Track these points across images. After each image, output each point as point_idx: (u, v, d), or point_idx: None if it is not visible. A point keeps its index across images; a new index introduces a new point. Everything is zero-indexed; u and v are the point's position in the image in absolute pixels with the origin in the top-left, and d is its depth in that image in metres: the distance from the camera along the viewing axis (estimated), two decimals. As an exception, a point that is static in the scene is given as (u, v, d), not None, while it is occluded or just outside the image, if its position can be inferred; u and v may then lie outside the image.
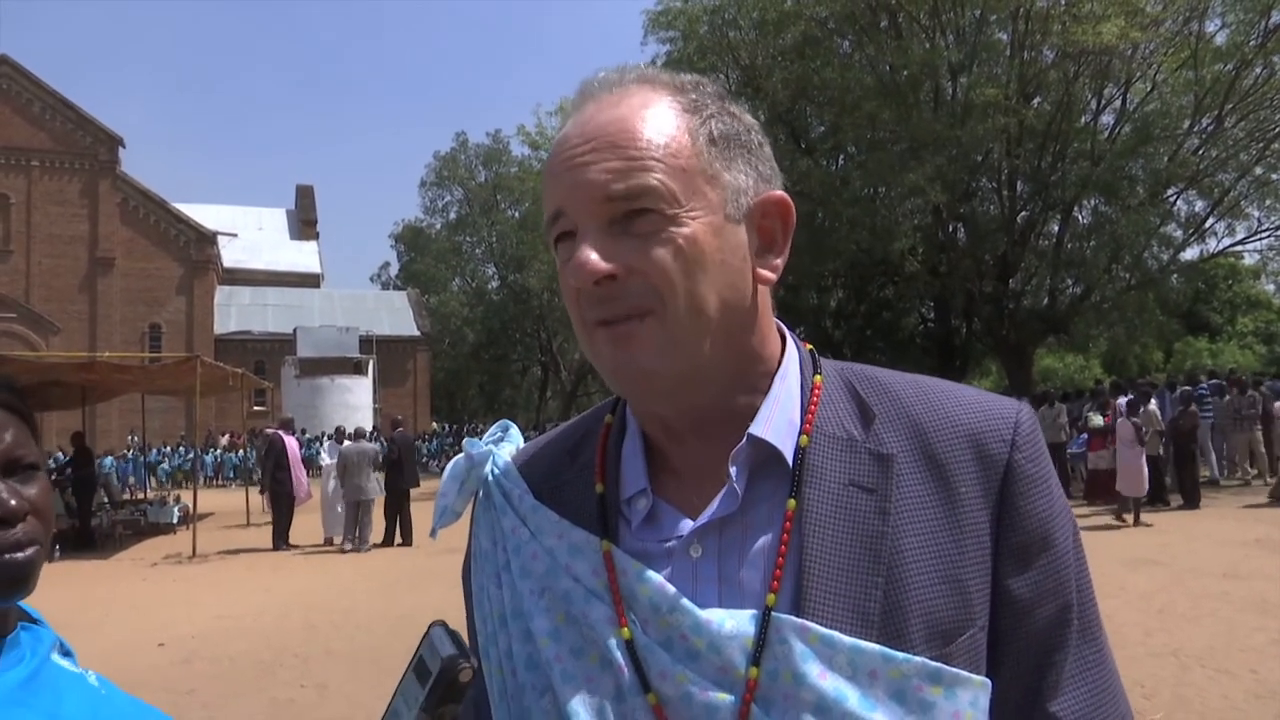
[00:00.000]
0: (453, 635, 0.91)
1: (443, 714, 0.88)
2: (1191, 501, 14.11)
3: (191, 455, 28.34)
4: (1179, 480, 14.73)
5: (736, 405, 0.83)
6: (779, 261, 0.84)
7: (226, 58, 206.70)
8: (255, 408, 42.30)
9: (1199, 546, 10.38)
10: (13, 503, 0.96)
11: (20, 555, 0.96)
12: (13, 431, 1.00)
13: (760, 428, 0.81)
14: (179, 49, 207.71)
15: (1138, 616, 7.12)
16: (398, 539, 14.00)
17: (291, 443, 14.77)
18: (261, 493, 15.16)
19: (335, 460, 14.28)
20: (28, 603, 1.11)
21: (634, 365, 0.78)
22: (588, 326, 0.80)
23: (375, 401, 42.36)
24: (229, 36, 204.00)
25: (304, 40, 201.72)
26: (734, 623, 0.75)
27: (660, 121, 0.79)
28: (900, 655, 0.73)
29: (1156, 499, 14.60)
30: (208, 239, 48.69)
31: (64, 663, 1.08)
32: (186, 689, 6.11)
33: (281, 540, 14.01)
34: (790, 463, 0.81)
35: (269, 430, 16.86)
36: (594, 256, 0.76)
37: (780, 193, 0.84)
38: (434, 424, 47.18)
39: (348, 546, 13.69)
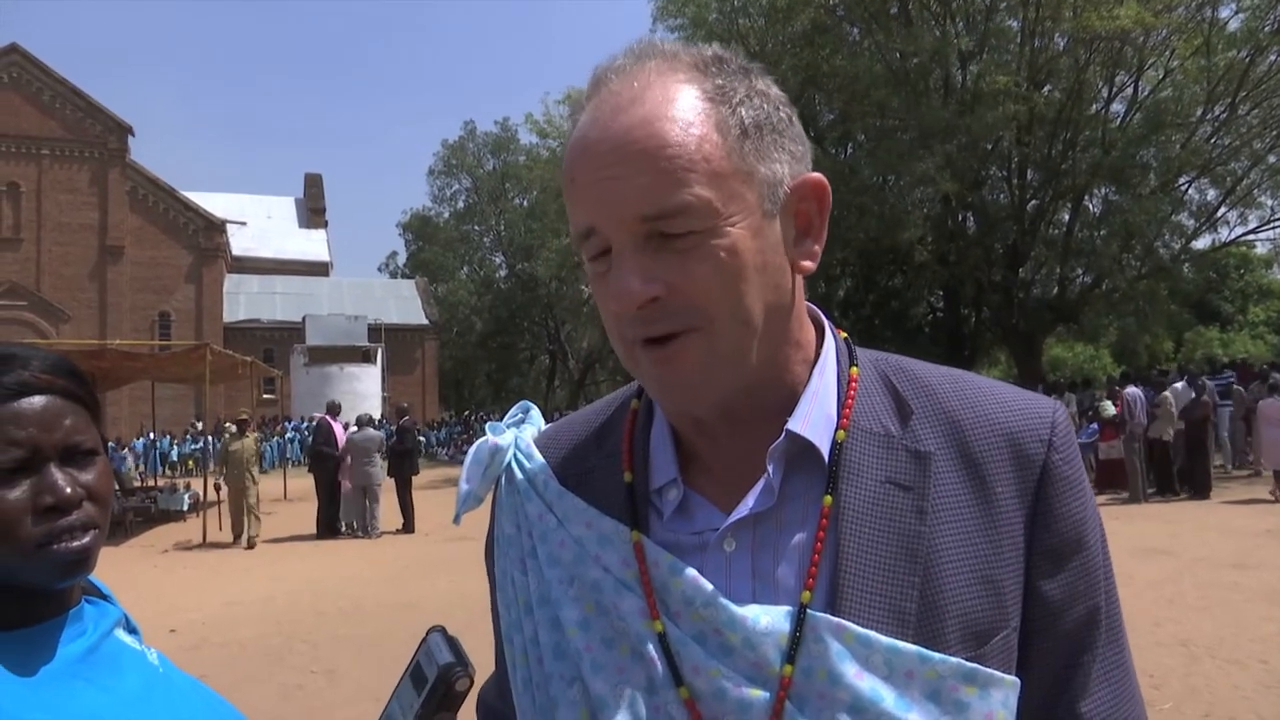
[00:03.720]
0: (451, 642, 0.90)
1: None
2: (1202, 491, 14.06)
3: (200, 443, 28.44)
4: (1190, 469, 14.68)
5: (773, 398, 0.82)
6: (817, 248, 0.82)
7: (235, 47, 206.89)
8: (265, 396, 42.47)
9: (1209, 536, 10.35)
10: (68, 490, 0.99)
11: (75, 543, 1.00)
12: (71, 419, 1.03)
13: (799, 424, 0.80)
14: (188, 38, 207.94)
15: (1147, 606, 7.10)
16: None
17: (338, 428, 14.40)
18: (310, 471, 14.96)
19: (344, 447, 14.19)
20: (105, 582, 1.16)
21: (681, 382, 0.76)
22: (628, 343, 0.77)
23: (384, 390, 42.44)
24: (238, 26, 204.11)
25: (312, 29, 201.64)
26: (769, 619, 0.75)
27: (689, 119, 0.73)
28: (936, 656, 0.73)
29: (1166, 488, 14.58)
30: (217, 227, 48.78)
31: (127, 639, 1.12)
32: (197, 674, 6.14)
33: (325, 527, 13.87)
34: (826, 459, 0.80)
35: (315, 415, 16.54)
36: (635, 282, 0.73)
37: (817, 175, 0.80)
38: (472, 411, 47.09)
39: (349, 528, 13.83)
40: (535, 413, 0.98)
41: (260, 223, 58.22)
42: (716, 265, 0.73)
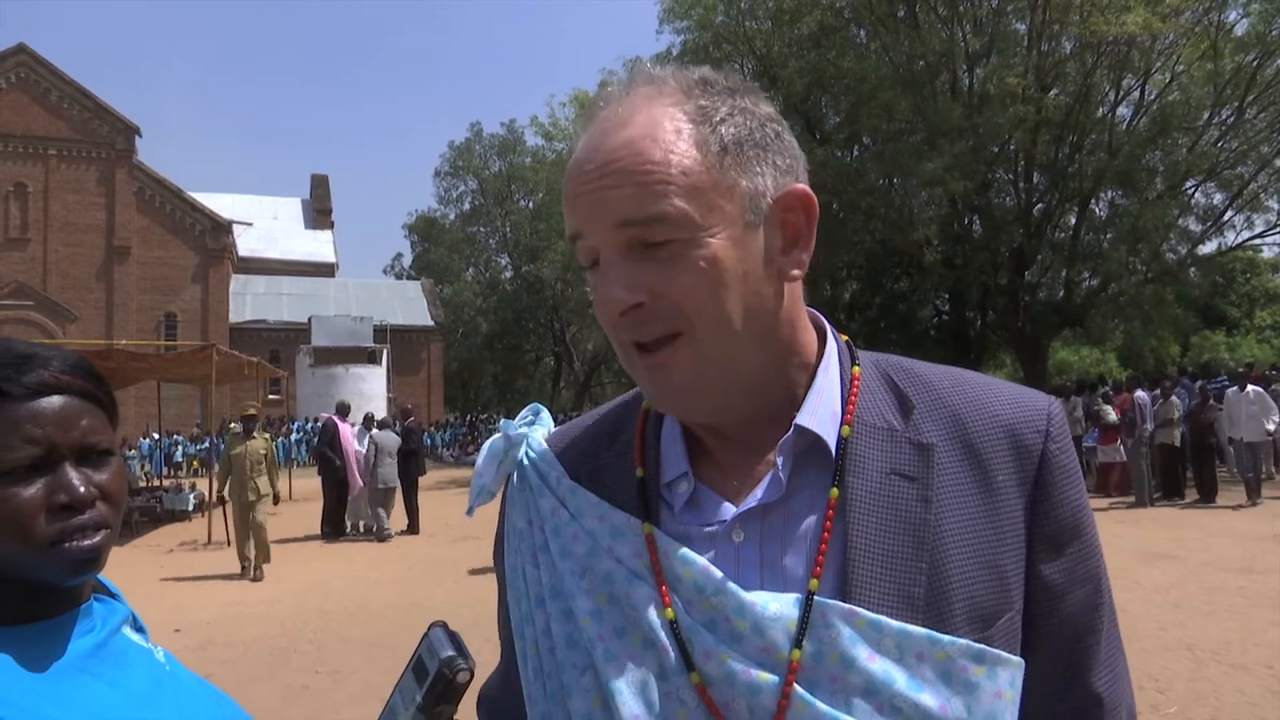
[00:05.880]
0: (452, 636, 0.92)
1: (439, 714, 0.90)
2: (1208, 495, 14.01)
3: (206, 444, 28.46)
4: (1196, 474, 14.62)
5: (775, 399, 0.86)
6: (805, 256, 0.85)
7: (243, 48, 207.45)
8: (270, 396, 42.53)
9: (1215, 541, 10.31)
10: (81, 490, 1.01)
11: (86, 542, 1.01)
12: (88, 419, 1.04)
13: (806, 418, 0.83)
14: (195, 39, 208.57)
15: (1152, 610, 7.08)
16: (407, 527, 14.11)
17: (345, 428, 14.21)
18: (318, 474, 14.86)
19: (368, 448, 13.94)
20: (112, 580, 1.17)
21: (671, 388, 0.81)
22: (625, 347, 0.82)
23: (389, 391, 42.48)
24: (245, 27, 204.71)
25: (320, 31, 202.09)
26: (778, 605, 0.77)
27: (669, 139, 0.78)
28: (946, 638, 0.76)
29: (1172, 492, 14.52)
30: (223, 228, 48.84)
31: (135, 637, 1.13)
32: (202, 674, 6.15)
33: (330, 527, 13.82)
34: (833, 452, 0.83)
35: (322, 415, 16.44)
36: (619, 290, 0.78)
37: (801, 186, 0.84)
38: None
39: (354, 529, 13.87)
40: (546, 415, 1.01)
41: (266, 223, 58.31)
42: (697, 273, 0.77)
